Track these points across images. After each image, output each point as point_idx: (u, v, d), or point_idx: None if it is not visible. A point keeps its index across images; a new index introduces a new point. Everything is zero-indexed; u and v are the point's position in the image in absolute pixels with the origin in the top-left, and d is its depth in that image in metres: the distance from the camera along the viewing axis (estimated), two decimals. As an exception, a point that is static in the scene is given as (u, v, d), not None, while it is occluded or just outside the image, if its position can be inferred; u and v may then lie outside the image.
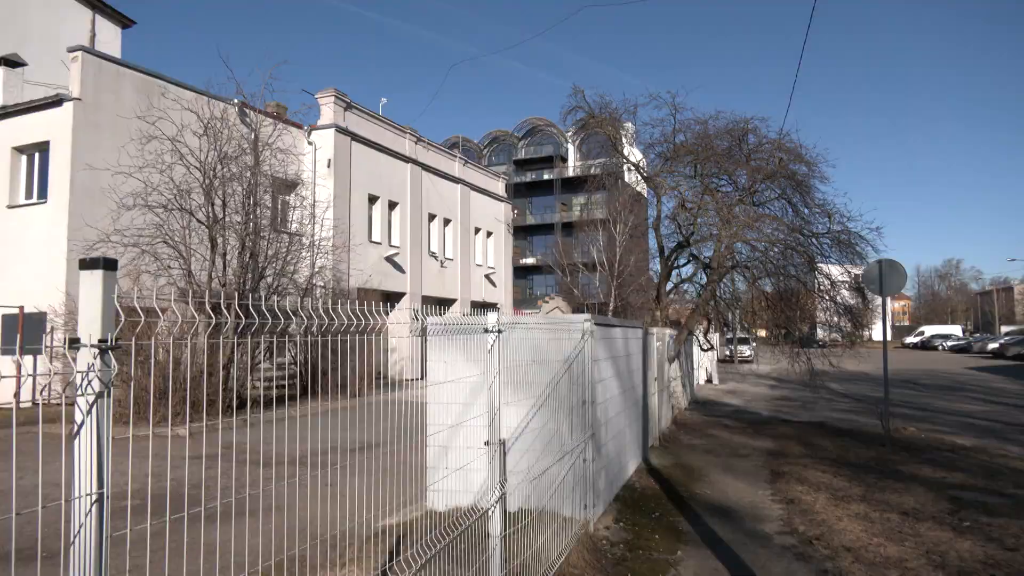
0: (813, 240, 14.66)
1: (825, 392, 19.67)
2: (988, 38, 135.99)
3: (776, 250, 14.31)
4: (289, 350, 16.43)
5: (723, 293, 16.53)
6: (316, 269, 18.87)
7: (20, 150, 17.94)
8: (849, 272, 14.82)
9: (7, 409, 12.42)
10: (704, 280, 16.19)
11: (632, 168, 17.93)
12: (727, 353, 39.95)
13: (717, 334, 27.59)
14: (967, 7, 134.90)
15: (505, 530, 4.51)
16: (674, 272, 17.13)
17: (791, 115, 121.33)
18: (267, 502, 6.34)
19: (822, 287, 15.15)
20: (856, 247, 14.21)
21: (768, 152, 15.42)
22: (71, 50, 17.17)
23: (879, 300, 13.07)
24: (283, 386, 16.43)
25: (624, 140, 17.44)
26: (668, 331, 14.52)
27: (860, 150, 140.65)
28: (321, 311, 3.36)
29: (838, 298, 14.96)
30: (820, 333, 19.61)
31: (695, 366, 21.57)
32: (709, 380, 26.20)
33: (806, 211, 15.04)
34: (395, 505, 5.97)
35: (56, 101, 16.89)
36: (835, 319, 15.19)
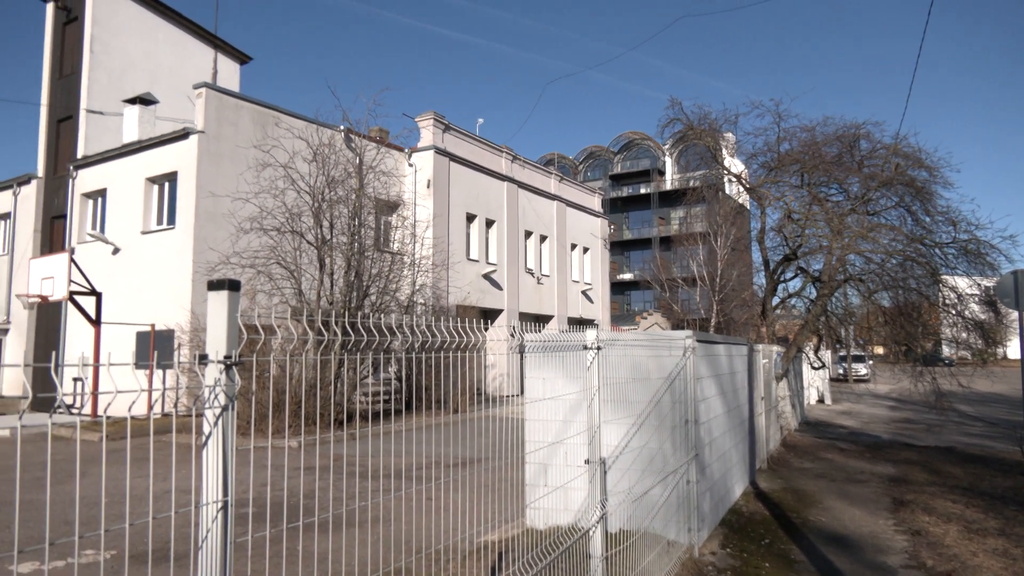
0: (936, 250, 13.65)
1: (953, 415, 18.18)
2: None
3: (894, 261, 13.42)
4: (392, 366, 16.99)
5: (835, 308, 15.67)
6: (417, 287, 19.42)
7: (152, 180, 19.59)
8: (979, 284, 13.68)
9: (140, 420, 13.51)
10: (814, 294, 15.40)
11: (733, 179, 17.39)
12: (840, 372, 37.85)
13: (829, 351, 26.15)
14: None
15: (607, 551, 4.42)
16: (780, 286, 16.41)
17: (908, 117, 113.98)
18: (373, 514, 6.52)
19: (948, 301, 14.04)
20: (987, 257, 13.11)
21: (883, 158, 14.54)
22: (196, 87, 18.64)
23: (1015, 315, 11.97)
24: (387, 400, 16.98)
25: (724, 151, 16.96)
26: (775, 348, 13.90)
27: (988, 153, 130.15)
28: (424, 328, 3.44)
29: (966, 312, 13.83)
30: (946, 350, 18.19)
31: (805, 385, 20.51)
32: (821, 400, 24.84)
33: (927, 219, 14.05)
34: (495, 522, 5.99)
35: (183, 134, 18.36)
36: (963, 335, 14.04)
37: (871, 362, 37.94)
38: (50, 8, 24.03)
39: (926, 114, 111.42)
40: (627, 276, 57.56)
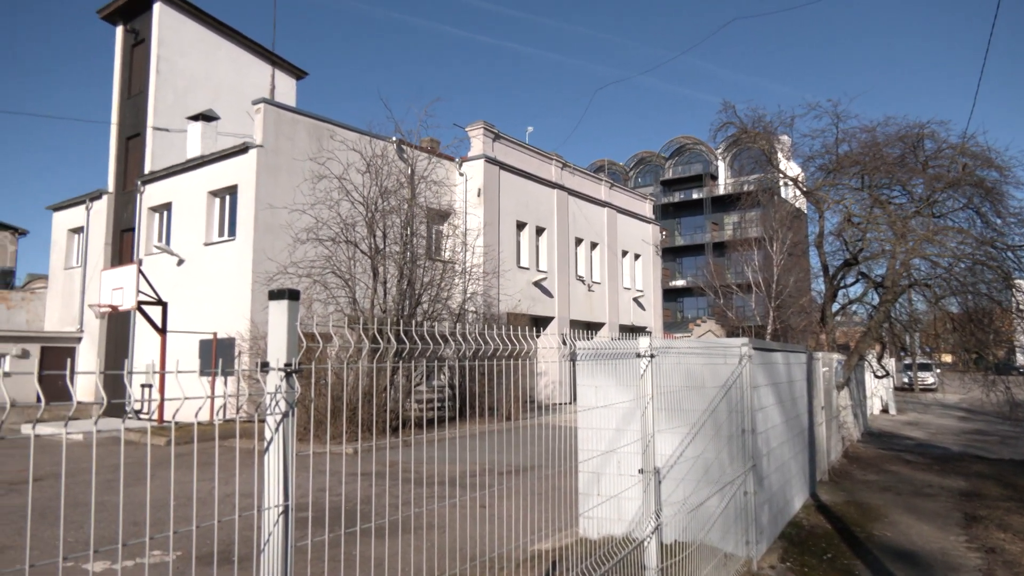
0: (1009, 253, 13.01)
1: (1029, 426, 17.25)
2: None
3: (963, 265, 12.86)
4: (444, 373, 17.15)
5: (899, 314, 15.10)
6: (468, 295, 19.56)
7: (214, 194, 20.30)
8: (1056, 289, 12.99)
9: (204, 425, 13.95)
10: (876, 300, 14.88)
11: (790, 183, 16.98)
12: (905, 380, 36.43)
13: (893, 359, 25.20)
14: None
15: (662, 563, 4.35)
16: (840, 292, 15.90)
17: (976, 115, 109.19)
18: (428, 520, 6.58)
19: (1022, 306, 13.37)
20: (1065, 260, 12.44)
21: (949, 158, 13.97)
22: (255, 103, 19.26)
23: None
24: (439, 408, 17.13)
25: (780, 154, 16.58)
26: (835, 356, 13.47)
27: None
28: (477, 335, 3.46)
29: (1042, 318, 13.14)
30: (1021, 358, 17.34)
31: (868, 394, 19.80)
32: (885, 410, 23.93)
33: (998, 221, 13.41)
34: (548, 530, 5.97)
35: (243, 149, 18.99)
36: (1039, 342, 13.34)
37: (938, 370, 36.39)
38: (119, 31, 25.25)
39: (995, 111, 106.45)
40: (679, 283, 56.73)
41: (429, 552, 5.26)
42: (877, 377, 19.73)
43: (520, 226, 25.60)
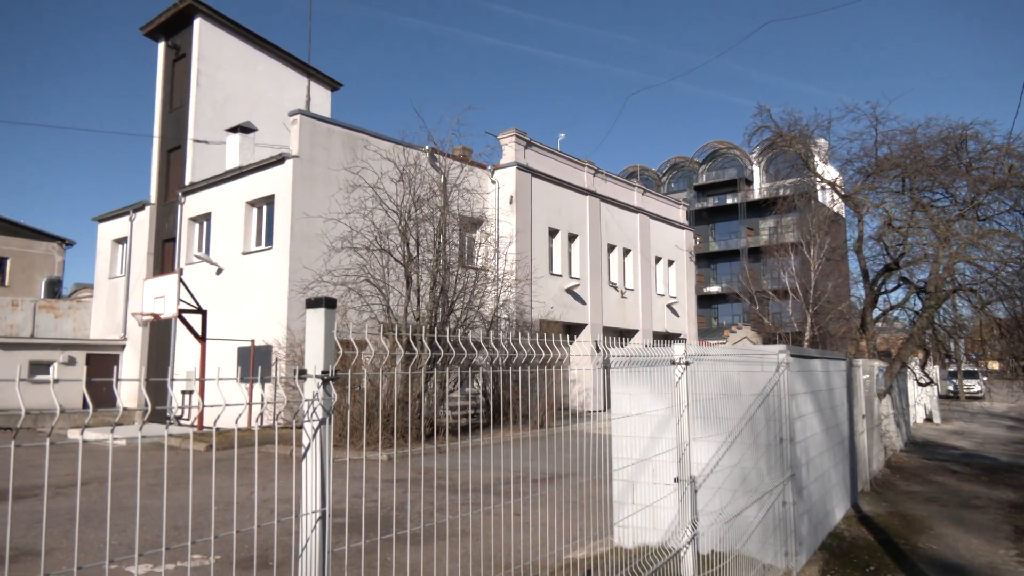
0: (1058, 257, 12.59)
1: (1083, 436, 16.61)
2: None
3: (1010, 270, 12.48)
4: (477, 380, 17.18)
5: (943, 320, 14.70)
6: (500, 302, 19.58)
7: (252, 204, 20.72)
8: (1110, 293, 12.52)
9: (243, 431, 14.22)
10: (919, 306, 14.50)
11: (827, 187, 16.67)
12: (950, 388, 35.39)
13: (937, 366, 24.50)
14: None
15: (698, 573, 4.29)
16: (881, 298, 15.54)
17: (1023, 115, 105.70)
18: (462, 527, 6.59)
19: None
20: (1118, 264, 11.98)
21: (994, 159, 13.58)
22: (291, 114, 19.63)
23: None
24: (474, 415, 17.16)
25: (817, 157, 16.30)
26: (876, 363, 13.16)
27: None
28: (511, 343, 3.46)
29: (1095, 324, 12.67)
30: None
31: (911, 403, 19.27)
32: (929, 419, 23.27)
33: (1048, 224, 12.99)
34: (582, 539, 5.93)
35: (279, 159, 19.35)
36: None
37: (985, 378, 35.27)
38: (161, 47, 26.00)
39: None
40: (714, 289, 56.01)
41: (463, 559, 5.27)
42: (920, 385, 19.21)
43: (552, 233, 25.58)
